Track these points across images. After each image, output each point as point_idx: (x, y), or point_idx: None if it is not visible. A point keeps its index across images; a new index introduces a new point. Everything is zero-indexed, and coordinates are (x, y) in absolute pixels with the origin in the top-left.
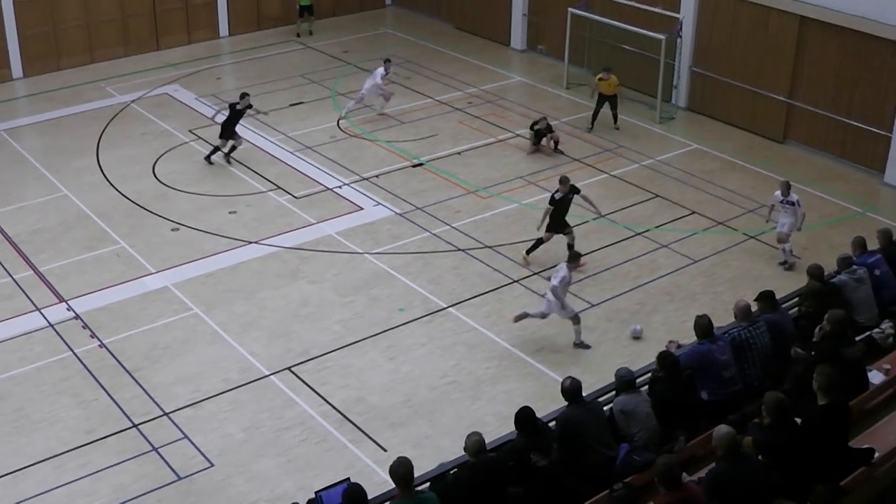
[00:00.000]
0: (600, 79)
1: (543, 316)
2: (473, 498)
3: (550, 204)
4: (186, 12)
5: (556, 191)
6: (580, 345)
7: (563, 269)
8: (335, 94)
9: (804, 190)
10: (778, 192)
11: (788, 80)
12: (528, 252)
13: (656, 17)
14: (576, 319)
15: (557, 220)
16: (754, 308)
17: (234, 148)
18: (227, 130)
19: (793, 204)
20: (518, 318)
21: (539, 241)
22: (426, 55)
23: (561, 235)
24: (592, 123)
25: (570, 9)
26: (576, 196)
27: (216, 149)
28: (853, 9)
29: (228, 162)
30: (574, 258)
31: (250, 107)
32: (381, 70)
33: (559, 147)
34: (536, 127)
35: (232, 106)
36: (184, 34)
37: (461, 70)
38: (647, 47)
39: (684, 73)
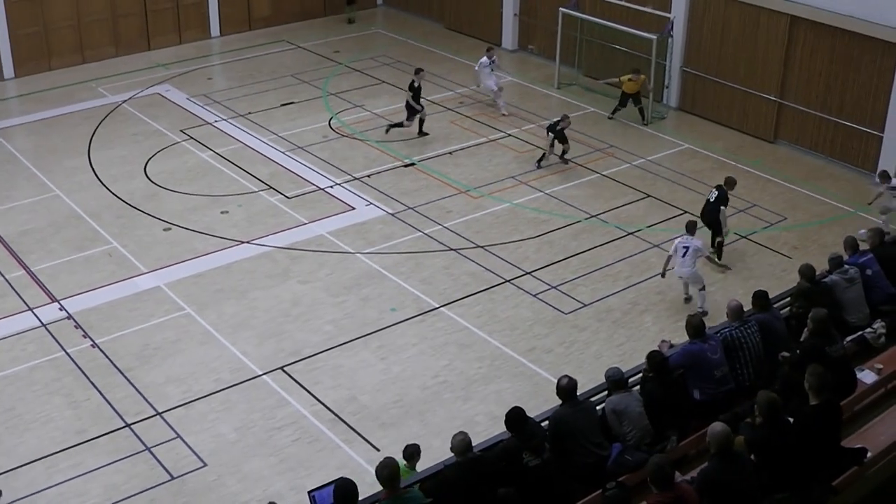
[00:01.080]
0: (629, 79)
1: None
2: (461, 497)
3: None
4: (177, 12)
5: None
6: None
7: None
8: (326, 94)
9: (795, 189)
10: (877, 179)
11: (779, 80)
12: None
13: (647, 17)
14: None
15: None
16: (747, 308)
17: (421, 121)
18: (411, 108)
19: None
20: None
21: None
22: (417, 55)
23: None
24: (614, 113)
25: (561, 8)
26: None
27: (397, 124)
28: (843, 8)
29: (422, 133)
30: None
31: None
32: (484, 59)
33: (566, 156)
34: (559, 127)
35: (410, 85)
36: (175, 34)
37: (452, 70)
38: (639, 47)
39: (675, 73)
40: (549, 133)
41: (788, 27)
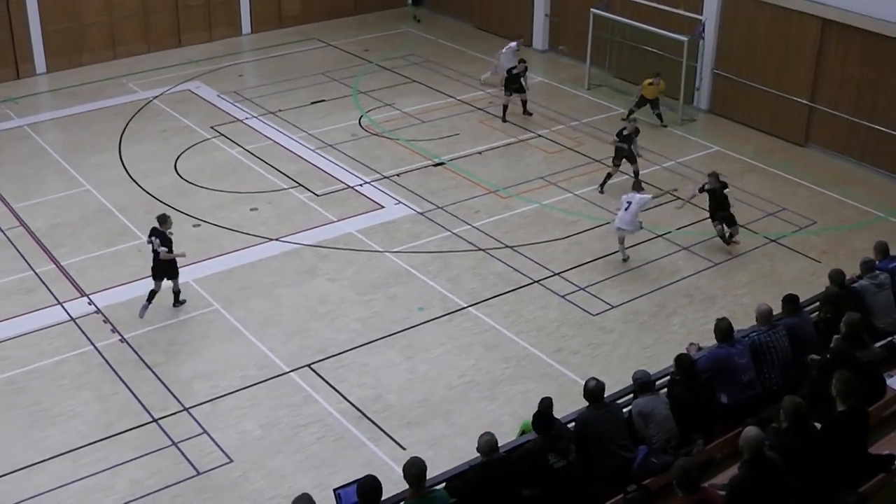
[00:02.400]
0: (650, 83)
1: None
2: (485, 497)
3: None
4: (208, 9)
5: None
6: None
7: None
8: (356, 92)
9: (825, 193)
10: None
11: (810, 83)
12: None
13: (678, 19)
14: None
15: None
16: (777, 312)
17: (524, 102)
18: (509, 89)
19: None
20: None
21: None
22: (447, 54)
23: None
24: (629, 114)
25: (591, 9)
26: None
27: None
28: (875, 11)
29: (527, 113)
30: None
31: (526, 69)
32: (513, 45)
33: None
34: (626, 132)
35: (509, 71)
36: (205, 31)
37: (482, 69)
38: (669, 49)
39: (706, 76)
40: (622, 144)
41: (820, 30)
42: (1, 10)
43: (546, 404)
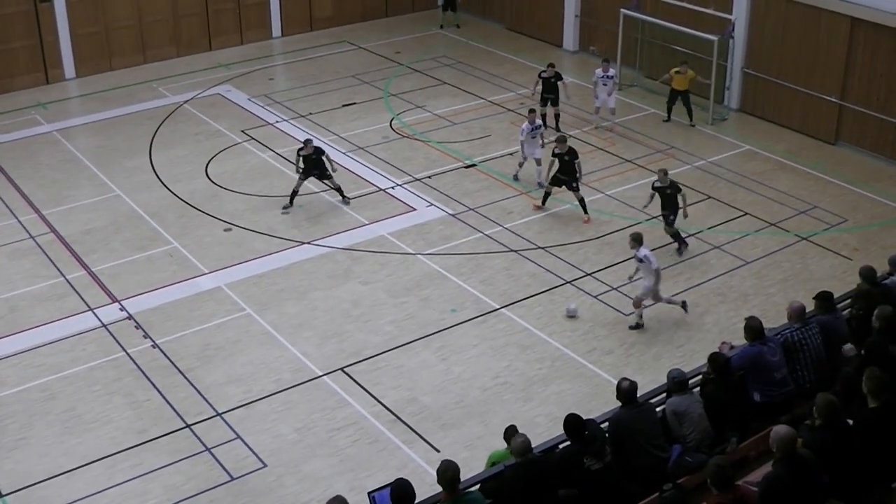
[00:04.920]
0: (676, 72)
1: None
2: (521, 497)
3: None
4: (239, 13)
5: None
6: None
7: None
8: (387, 94)
9: (855, 191)
10: None
11: (840, 82)
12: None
13: (708, 19)
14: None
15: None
16: (810, 309)
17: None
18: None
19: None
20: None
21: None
22: (478, 56)
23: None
24: (669, 115)
25: (622, 10)
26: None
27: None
28: None
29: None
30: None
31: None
32: (598, 71)
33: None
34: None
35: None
36: (236, 34)
37: (513, 71)
38: (700, 48)
39: (736, 75)
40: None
41: (849, 28)
42: (30, 16)
43: (511, 433)
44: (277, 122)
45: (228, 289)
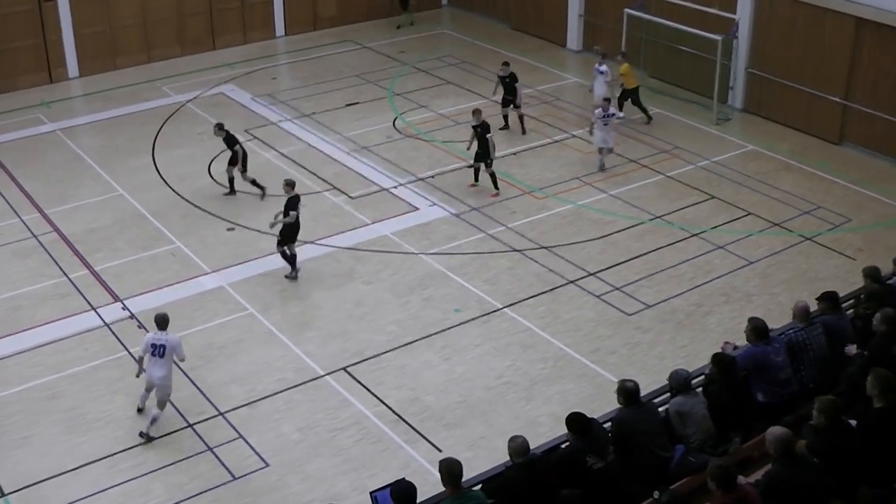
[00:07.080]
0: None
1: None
2: (523, 497)
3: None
4: (242, 12)
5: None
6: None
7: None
8: (391, 94)
9: (860, 191)
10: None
11: (844, 82)
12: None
13: (712, 18)
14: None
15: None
16: (814, 309)
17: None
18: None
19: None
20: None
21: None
22: (482, 55)
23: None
24: (646, 114)
25: (626, 10)
26: None
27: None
28: None
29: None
30: None
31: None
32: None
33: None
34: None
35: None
36: (240, 34)
37: (517, 70)
38: (704, 48)
39: (740, 75)
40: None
41: (854, 28)
42: (34, 14)
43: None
44: (281, 121)
45: (231, 288)
